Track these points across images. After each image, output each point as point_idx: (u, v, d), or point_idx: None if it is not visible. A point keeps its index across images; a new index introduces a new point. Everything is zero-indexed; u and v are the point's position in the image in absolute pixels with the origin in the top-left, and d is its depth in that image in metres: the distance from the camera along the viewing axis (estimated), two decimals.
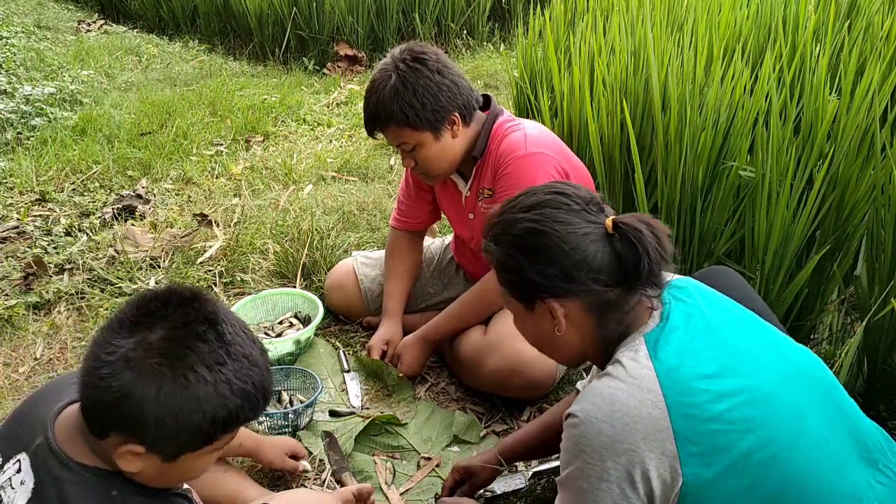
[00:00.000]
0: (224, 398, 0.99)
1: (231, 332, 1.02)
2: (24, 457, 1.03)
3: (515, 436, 1.72)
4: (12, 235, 2.80)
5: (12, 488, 1.01)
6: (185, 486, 1.21)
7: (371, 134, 1.93)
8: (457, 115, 1.89)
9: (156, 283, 2.51)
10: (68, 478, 1.00)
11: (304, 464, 1.70)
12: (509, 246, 1.22)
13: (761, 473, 1.09)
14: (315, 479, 1.77)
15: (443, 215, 2.29)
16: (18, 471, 1.02)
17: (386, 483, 1.75)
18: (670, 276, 1.26)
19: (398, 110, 1.82)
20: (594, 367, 1.51)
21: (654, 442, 1.08)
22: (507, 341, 1.91)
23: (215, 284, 2.52)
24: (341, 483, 1.71)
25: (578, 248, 1.17)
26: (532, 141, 1.88)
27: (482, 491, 1.72)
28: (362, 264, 2.34)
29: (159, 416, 0.96)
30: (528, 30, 3.19)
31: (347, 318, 2.38)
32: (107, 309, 2.39)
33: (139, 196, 3.11)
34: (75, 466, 1.00)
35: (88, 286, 2.49)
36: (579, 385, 1.59)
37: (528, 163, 1.86)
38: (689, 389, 1.10)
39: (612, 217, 1.20)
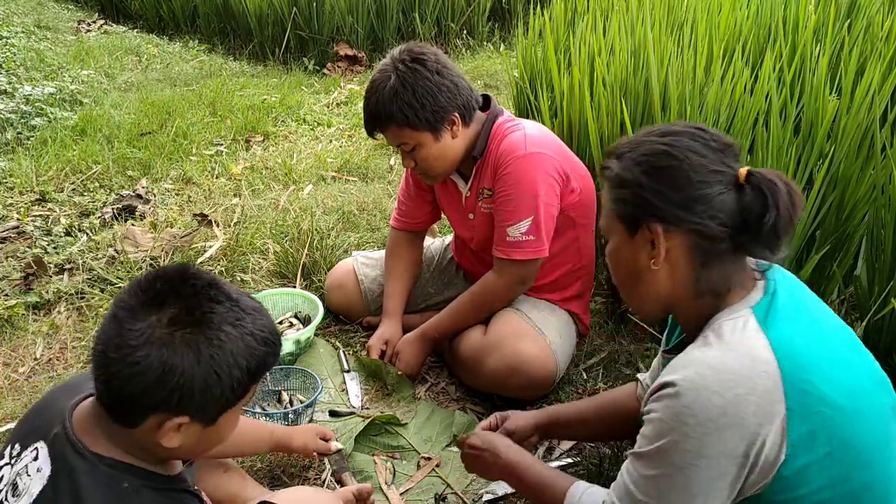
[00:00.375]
0: (252, 349, 1.05)
1: (234, 291, 1.08)
2: (41, 445, 1.04)
3: (566, 407, 1.66)
4: (12, 235, 2.80)
5: (28, 475, 1.03)
6: (195, 487, 1.21)
7: (371, 134, 1.93)
8: (456, 115, 1.89)
9: None
10: (83, 467, 1.01)
11: (336, 444, 1.72)
12: (633, 162, 1.16)
13: (855, 467, 1.05)
14: (315, 479, 1.77)
15: (443, 215, 2.29)
16: (35, 458, 1.03)
17: (386, 483, 1.75)
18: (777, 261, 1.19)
19: (397, 111, 1.82)
20: (656, 361, 1.48)
21: (766, 416, 1.02)
22: (507, 341, 1.91)
23: None
24: (341, 483, 1.71)
25: (705, 182, 1.11)
26: (532, 141, 1.89)
27: (482, 492, 1.72)
28: (362, 264, 2.34)
29: (204, 379, 1.01)
30: (528, 30, 3.19)
31: (347, 318, 2.38)
32: (106, 309, 2.39)
33: (139, 196, 3.11)
34: (91, 456, 1.02)
35: (88, 286, 2.49)
36: (641, 377, 1.55)
37: (527, 162, 1.86)
38: (804, 366, 1.05)
39: (747, 167, 1.13)
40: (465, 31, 5.77)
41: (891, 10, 2.70)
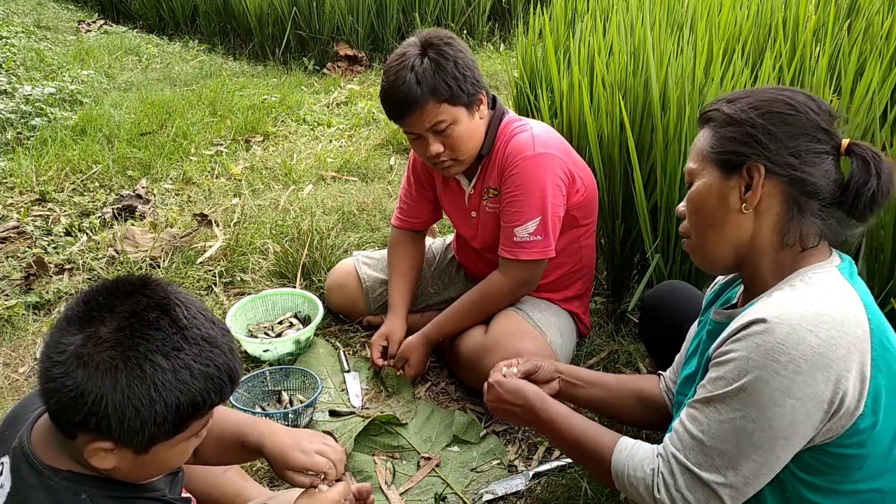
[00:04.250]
0: (185, 384, 0.95)
1: (187, 316, 0.97)
2: (6, 460, 1.01)
3: (587, 371, 1.61)
4: (12, 235, 2.80)
5: None
6: (186, 493, 1.20)
7: (400, 117, 1.86)
8: (484, 94, 1.89)
9: None
10: (36, 483, 0.97)
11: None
12: (750, 106, 1.15)
13: None
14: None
15: (444, 215, 2.29)
16: (0, 473, 1.00)
17: (386, 483, 1.75)
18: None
19: (441, 83, 1.78)
20: (678, 357, 1.46)
21: (853, 363, 1.01)
22: (507, 340, 1.91)
23: (215, 284, 2.52)
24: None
25: (816, 139, 1.11)
26: (540, 141, 1.89)
27: (482, 492, 1.72)
28: (364, 264, 2.34)
29: (120, 410, 0.92)
30: (528, 30, 3.19)
31: (347, 318, 2.38)
32: None
33: (139, 196, 3.11)
34: (45, 471, 0.98)
35: (88, 286, 2.49)
36: (662, 374, 1.54)
37: (535, 163, 1.86)
38: (883, 325, 1.06)
39: (848, 139, 1.14)
40: (465, 31, 5.77)
41: (891, 10, 2.70)
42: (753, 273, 1.19)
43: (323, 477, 1.26)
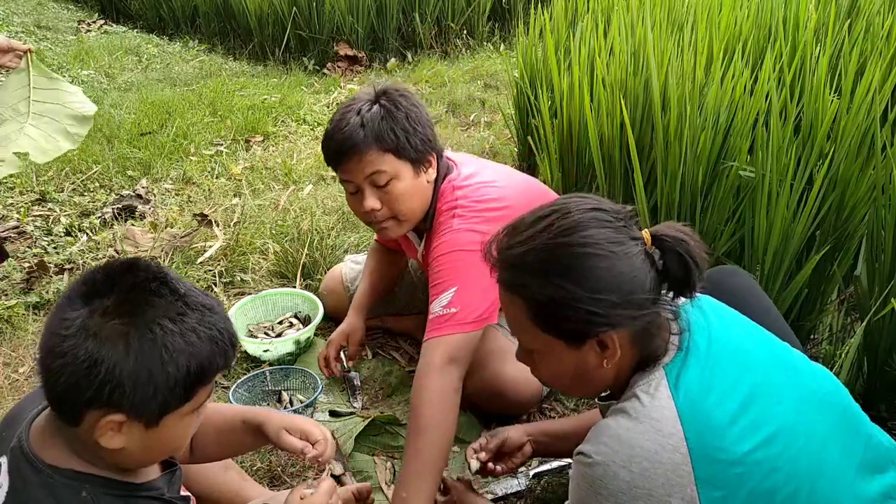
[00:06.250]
0: (193, 346, 0.97)
1: (184, 287, 1.01)
2: (4, 460, 1.01)
3: (555, 422, 1.65)
4: (12, 235, 2.80)
5: None
6: (186, 492, 1.20)
7: (337, 160, 1.71)
8: (433, 156, 1.75)
9: None
10: (36, 481, 0.98)
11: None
12: (558, 275, 1.07)
13: None
14: (315, 479, 1.77)
15: None
16: None
17: (386, 483, 1.75)
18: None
19: (388, 131, 1.65)
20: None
21: (674, 487, 1.04)
22: (488, 361, 1.81)
23: (215, 284, 2.52)
24: (341, 483, 1.71)
25: (634, 268, 1.07)
26: (461, 223, 1.71)
27: (482, 492, 1.72)
28: (350, 269, 2.32)
29: (134, 374, 0.94)
30: (528, 30, 3.19)
31: (340, 322, 2.36)
32: None
33: (139, 196, 3.11)
34: (45, 469, 0.98)
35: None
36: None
37: (452, 237, 1.70)
38: (713, 430, 1.05)
39: (646, 230, 1.10)
40: (465, 31, 5.76)
41: (891, 10, 2.70)
42: (613, 389, 1.21)
43: (312, 481, 1.27)
